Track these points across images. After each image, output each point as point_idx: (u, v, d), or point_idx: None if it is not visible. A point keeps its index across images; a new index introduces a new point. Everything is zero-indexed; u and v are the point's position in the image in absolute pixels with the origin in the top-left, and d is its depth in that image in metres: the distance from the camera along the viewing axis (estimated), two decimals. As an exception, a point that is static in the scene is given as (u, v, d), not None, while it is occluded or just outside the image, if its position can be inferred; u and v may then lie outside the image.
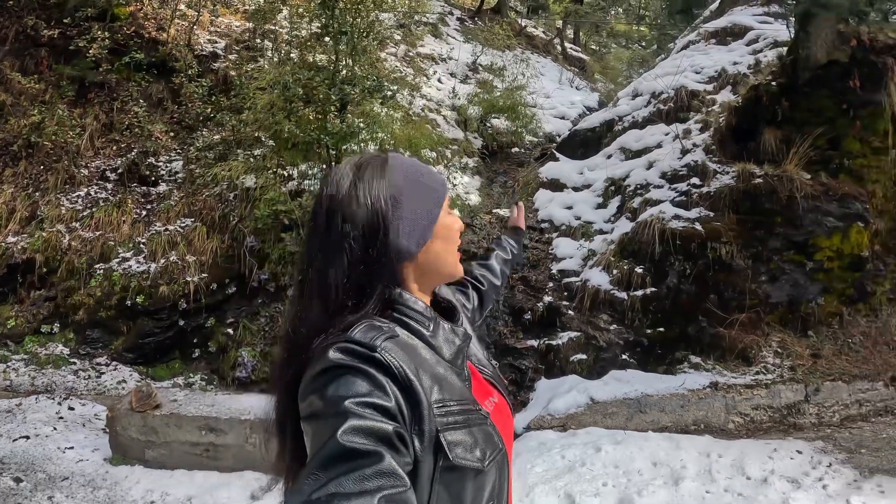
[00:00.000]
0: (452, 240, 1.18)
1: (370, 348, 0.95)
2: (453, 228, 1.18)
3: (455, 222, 1.19)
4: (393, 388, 0.92)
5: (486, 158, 9.82)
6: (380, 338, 0.97)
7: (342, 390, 0.89)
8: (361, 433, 0.84)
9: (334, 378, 0.91)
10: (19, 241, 6.79)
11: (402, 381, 0.94)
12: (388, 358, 0.95)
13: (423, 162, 1.28)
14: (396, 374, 0.94)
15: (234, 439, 4.53)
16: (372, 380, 0.91)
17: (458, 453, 0.96)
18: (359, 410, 0.87)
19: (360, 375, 0.91)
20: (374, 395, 0.89)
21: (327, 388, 0.90)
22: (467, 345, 1.17)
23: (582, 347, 6.18)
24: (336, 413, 0.87)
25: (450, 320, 1.19)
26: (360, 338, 0.96)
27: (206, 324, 6.61)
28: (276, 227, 6.76)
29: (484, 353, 1.32)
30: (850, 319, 5.92)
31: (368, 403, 0.88)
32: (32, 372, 6.01)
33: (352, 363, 0.92)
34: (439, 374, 1.03)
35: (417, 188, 1.13)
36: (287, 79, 6.94)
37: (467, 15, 15.70)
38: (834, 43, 5.85)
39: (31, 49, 8.14)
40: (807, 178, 5.92)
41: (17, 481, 4.29)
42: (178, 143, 8.10)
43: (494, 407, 1.16)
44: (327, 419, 0.87)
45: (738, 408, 5.38)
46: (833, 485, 4.19)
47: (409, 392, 0.94)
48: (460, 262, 1.21)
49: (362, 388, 0.90)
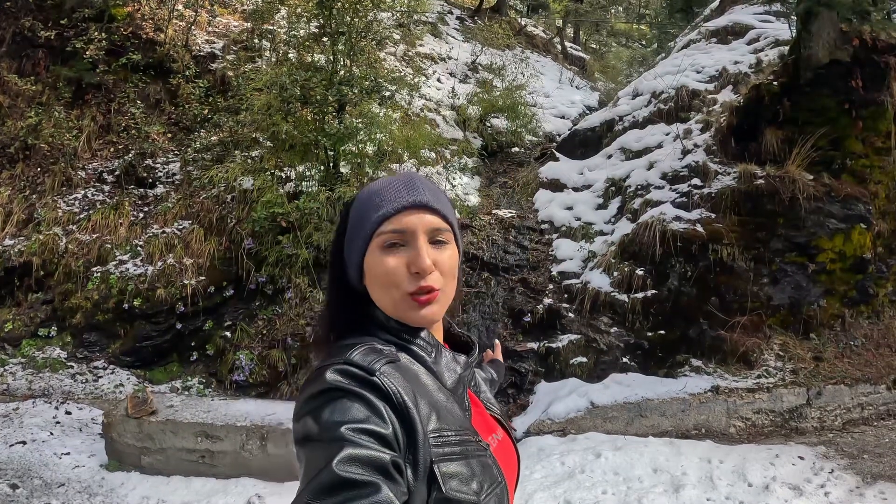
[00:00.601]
0: (378, 280, 1.04)
1: (369, 372, 0.92)
2: (380, 269, 1.03)
3: (386, 263, 1.03)
4: (390, 414, 0.90)
5: (485, 158, 9.76)
6: (379, 361, 0.95)
7: (338, 415, 0.86)
8: (357, 462, 0.81)
9: (330, 401, 0.89)
10: (16, 243, 6.76)
11: (400, 407, 0.91)
12: (387, 383, 0.92)
13: (403, 177, 1.11)
14: (394, 400, 0.91)
15: (231, 446, 4.50)
16: (369, 405, 0.89)
17: (452, 485, 0.92)
18: (355, 438, 0.84)
19: (357, 400, 0.89)
20: (371, 422, 0.87)
21: (323, 412, 0.88)
22: (469, 373, 1.14)
23: (582, 350, 6.14)
24: (331, 439, 0.84)
25: (465, 353, 1.16)
26: (360, 360, 0.94)
27: (204, 327, 6.58)
28: (273, 230, 6.71)
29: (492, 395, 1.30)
30: (852, 322, 5.88)
31: (365, 430, 0.85)
32: (30, 376, 5.98)
33: (349, 387, 0.90)
34: (439, 401, 1.00)
35: (354, 223, 1.09)
36: (284, 79, 6.90)
37: (467, 14, 15.64)
38: (836, 42, 5.80)
39: (28, 50, 8.11)
40: (809, 179, 5.87)
41: (13, 487, 4.26)
42: (175, 144, 8.07)
43: (498, 444, 1.13)
44: (322, 445, 0.84)
45: (740, 412, 5.35)
46: (835, 492, 4.15)
47: (405, 419, 0.91)
48: (421, 308, 1.03)
49: (359, 413, 0.87)
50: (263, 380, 6.14)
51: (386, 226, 1.04)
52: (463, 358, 1.12)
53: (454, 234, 1.11)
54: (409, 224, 1.04)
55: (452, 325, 1.25)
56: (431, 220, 1.06)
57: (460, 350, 1.18)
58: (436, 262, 1.04)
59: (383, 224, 1.04)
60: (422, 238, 1.04)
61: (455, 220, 1.13)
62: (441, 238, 1.07)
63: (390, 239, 1.04)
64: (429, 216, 1.06)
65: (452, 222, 1.11)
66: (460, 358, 1.12)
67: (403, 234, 1.04)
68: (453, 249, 1.09)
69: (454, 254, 1.09)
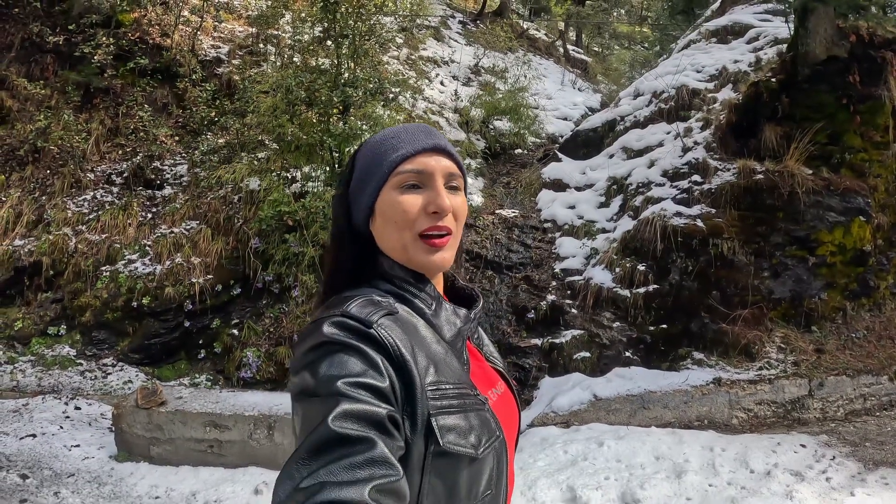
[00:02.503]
0: (392, 220, 1.04)
1: (366, 324, 0.92)
2: (397, 207, 1.03)
3: (403, 202, 1.03)
4: (387, 367, 0.90)
5: (488, 160, 9.85)
6: (377, 313, 0.95)
7: (335, 369, 0.86)
8: (353, 418, 0.81)
9: (327, 354, 0.89)
10: (26, 244, 6.86)
11: (397, 359, 0.91)
12: (384, 335, 0.92)
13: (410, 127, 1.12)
14: (391, 353, 0.91)
15: (239, 435, 4.56)
16: (366, 358, 0.88)
17: (450, 439, 0.92)
18: (352, 392, 0.84)
19: (354, 353, 0.89)
20: (368, 375, 0.87)
21: (320, 366, 0.87)
22: (469, 327, 1.11)
23: (585, 345, 6.19)
24: (328, 394, 0.84)
25: (468, 307, 1.14)
26: (357, 313, 0.94)
27: (212, 325, 6.65)
28: (280, 229, 6.79)
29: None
30: (853, 314, 5.92)
31: (362, 384, 0.85)
32: (39, 373, 6.06)
33: (346, 339, 0.90)
34: (437, 354, 0.99)
35: (368, 164, 1.08)
36: (290, 82, 7.00)
37: (469, 18, 15.76)
38: (833, 38, 5.86)
39: (37, 55, 8.25)
40: (808, 174, 5.92)
41: (23, 478, 4.34)
42: (182, 146, 8.18)
43: (498, 397, 1.12)
44: (319, 400, 0.84)
45: (742, 403, 5.38)
46: (837, 477, 4.18)
47: (402, 372, 0.91)
48: (434, 252, 1.05)
49: (356, 367, 0.87)
50: (270, 376, 6.21)
51: (405, 165, 1.04)
52: (463, 311, 1.11)
53: (464, 183, 1.13)
54: (428, 165, 1.05)
55: (457, 278, 1.25)
56: (448, 164, 1.07)
57: (463, 304, 1.17)
58: (451, 205, 1.05)
59: (402, 164, 1.04)
60: (440, 180, 1.05)
61: (465, 171, 1.14)
62: (455, 184, 1.09)
63: (409, 179, 1.04)
64: (446, 160, 1.07)
65: (464, 171, 1.13)
66: (460, 311, 1.10)
67: (422, 175, 1.05)
68: (464, 197, 1.11)
69: (465, 201, 1.11)
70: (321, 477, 0.76)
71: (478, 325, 1.23)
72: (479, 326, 1.25)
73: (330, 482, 0.76)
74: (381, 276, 1.07)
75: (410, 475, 0.89)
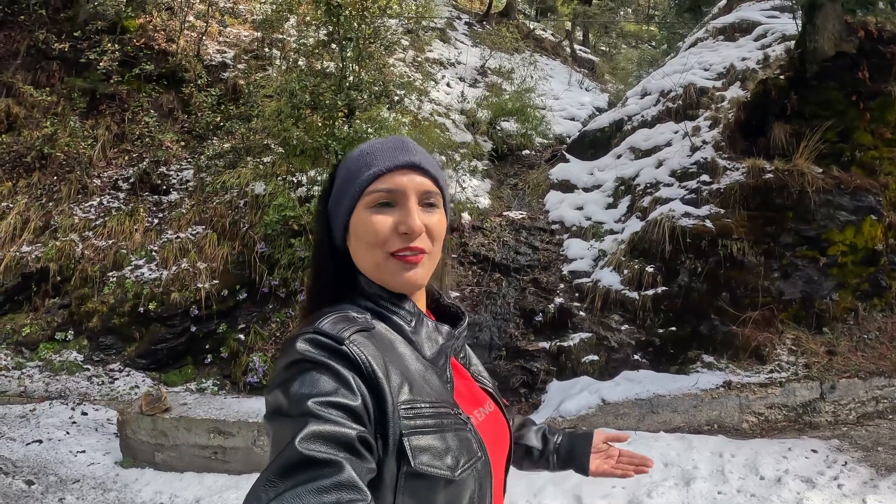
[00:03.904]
0: (364, 240, 1.02)
1: (337, 341, 0.90)
2: (368, 227, 1.01)
3: (374, 222, 1.01)
4: (360, 385, 0.88)
5: (495, 161, 9.81)
6: (348, 330, 0.93)
7: (306, 387, 0.85)
8: (321, 439, 0.80)
9: (300, 373, 0.87)
10: (33, 250, 6.90)
11: (369, 376, 0.89)
12: (356, 351, 0.90)
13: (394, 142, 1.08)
14: (363, 369, 0.89)
15: (243, 442, 4.55)
16: (337, 376, 0.87)
17: (423, 460, 0.89)
18: (322, 412, 0.82)
19: (325, 371, 0.87)
20: (339, 394, 0.85)
21: (292, 384, 0.86)
22: (452, 344, 1.09)
23: (593, 348, 6.12)
24: (298, 413, 0.83)
25: (452, 325, 1.11)
26: (329, 329, 0.92)
27: (218, 330, 6.66)
28: (285, 233, 6.79)
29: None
30: (865, 315, 5.82)
31: (332, 403, 0.84)
32: (46, 378, 6.09)
33: (318, 357, 0.88)
34: (414, 372, 0.97)
35: (343, 182, 1.06)
36: (294, 85, 7.00)
37: (475, 19, 15.74)
38: (841, 34, 5.78)
39: (43, 62, 8.31)
40: (818, 172, 5.84)
41: (28, 483, 4.35)
42: (188, 152, 8.20)
43: (486, 417, 1.09)
44: (290, 420, 0.83)
45: (752, 407, 5.30)
46: (849, 484, 4.10)
47: (374, 389, 0.89)
48: (406, 271, 1.02)
49: (327, 385, 0.86)
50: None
51: (377, 184, 1.01)
52: (446, 328, 1.08)
53: (443, 199, 1.08)
54: (400, 184, 1.02)
55: (442, 295, 1.22)
56: (423, 181, 1.04)
57: (448, 321, 1.14)
58: (425, 224, 1.02)
59: (374, 182, 1.01)
60: (412, 199, 1.02)
61: (445, 186, 1.10)
62: (431, 201, 1.04)
63: (380, 198, 1.01)
64: (420, 178, 1.03)
65: (443, 187, 1.08)
66: (443, 328, 1.08)
67: (394, 194, 1.01)
68: (442, 214, 1.07)
69: (443, 218, 1.07)
70: (287, 500, 0.75)
71: (465, 344, 1.20)
72: (465, 345, 1.21)
73: None
74: (361, 293, 1.05)
75: (383, 496, 0.87)
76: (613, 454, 1.46)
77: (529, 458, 1.44)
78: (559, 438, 1.45)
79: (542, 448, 1.44)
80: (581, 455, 1.42)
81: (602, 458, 1.45)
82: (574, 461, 1.43)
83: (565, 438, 1.45)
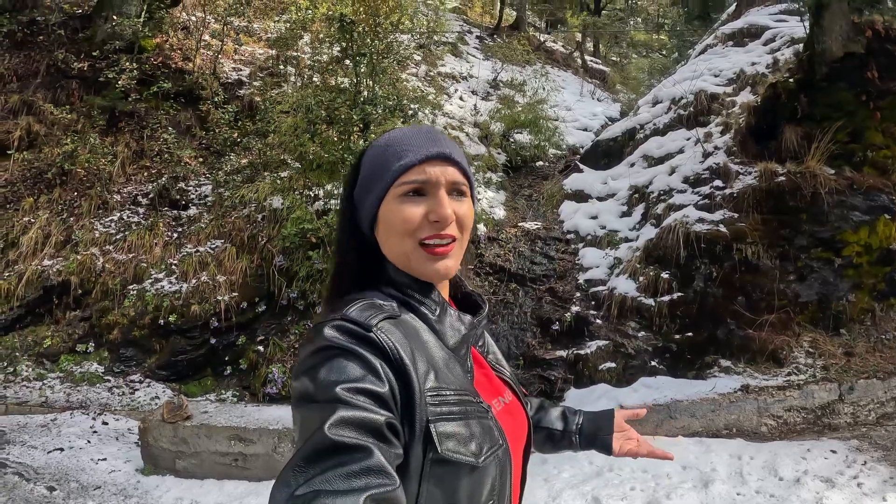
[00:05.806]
0: (394, 228, 1.03)
1: (365, 328, 0.91)
2: (399, 216, 1.02)
3: (405, 210, 1.02)
4: (387, 372, 0.89)
5: (509, 173, 9.88)
6: (376, 317, 0.94)
7: (334, 374, 0.86)
8: (350, 425, 0.81)
9: (327, 360, 0.88)
10: (55, 264, 7.03)
11: (397, 363, 0.90)
12: (383, 338, 0.91)
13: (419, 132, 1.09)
14: (391, 356, 0.90)
15: (263, 449, 4.59)
16: (365, 363, 0.88)
17: (449, 446, 0.90)
18: (350, 398, 0.83)
19: (353, 358, 0.88)
20: (367, 381, 0.86)
21: (319, 371, 0.87)
22: (473, 333, 1.11)
23: (611, 356, 6.12)
24: (326, 400, 0.83)
25: (473, 314, 1.13)
26: (356, 316, 0.93)
27: (237, 341, 6.73)
28: (303, 246, 6.86)
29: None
30: (882, 315, 5.76)
31: (360, 389, 0.85)
32: (68, 389, 6.18)
33: (346, 344, 0.89)
34: (438, 360, 0.98)
35: (372, 171, 1.07)
36: (309, 101, 7.13)
37: (486, 33, 15.90)
38: (849, 34, 5.79)
39: (62, 81, 8.53)
40: (830, 174, 5.83)
41: (50, 490, 4.41)
42: (206, 167, 8.35)
43: (504, 407, 1.10)
44: (318, 406, 0.84)
45: (771, 410, 5.26)
46: (868, 482, 4.07)
47: (402, 376, 0.90)
48: (436, 261, 1.03)
49: (355, 371, 0.86)
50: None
51: (408, 175, 1.02)
52: (468, 318, 1.09)
53: (471, 188, 1.10)
54: (432, 174, 1.03)
55: (464, 283, 1.24)
56: (453, 172, 1.05)
57: (469, 310, 1.16)
58: (455, 212, 1.04)
59: (406, 173, 1.03)
60: (443, 189, 1.03)
61: (472, 176, 1.11)
62: (461, 189, 1.06)
63: (412, 188, 1.03)
64: (451, 168, 1.05)
65: (470, 177, 1.10)
66: (465, 318, 1.09)
67: (426, 185, 1.03)
68: (470, 203, 1.08)
69: (471, 207, 1.09)
70: (316, 485, 0.76)
71: (484, 333, 1.22)
72: (485, 334, 1.23)
73: (325, 490, 0.75)
74: (387, 282, 1.07)
75: (408, 482, 0.88)
76: (633, 435, 1.47)
77: (551, 441, 1.46)
78: (580, 418, 1.47)
79: (562, 429, 1.45)
80: (605, 434, 1.43)
81: (624, 438, 1.46)
82: (598, 441, 1.43)
83: (586, 417, 1.47)
